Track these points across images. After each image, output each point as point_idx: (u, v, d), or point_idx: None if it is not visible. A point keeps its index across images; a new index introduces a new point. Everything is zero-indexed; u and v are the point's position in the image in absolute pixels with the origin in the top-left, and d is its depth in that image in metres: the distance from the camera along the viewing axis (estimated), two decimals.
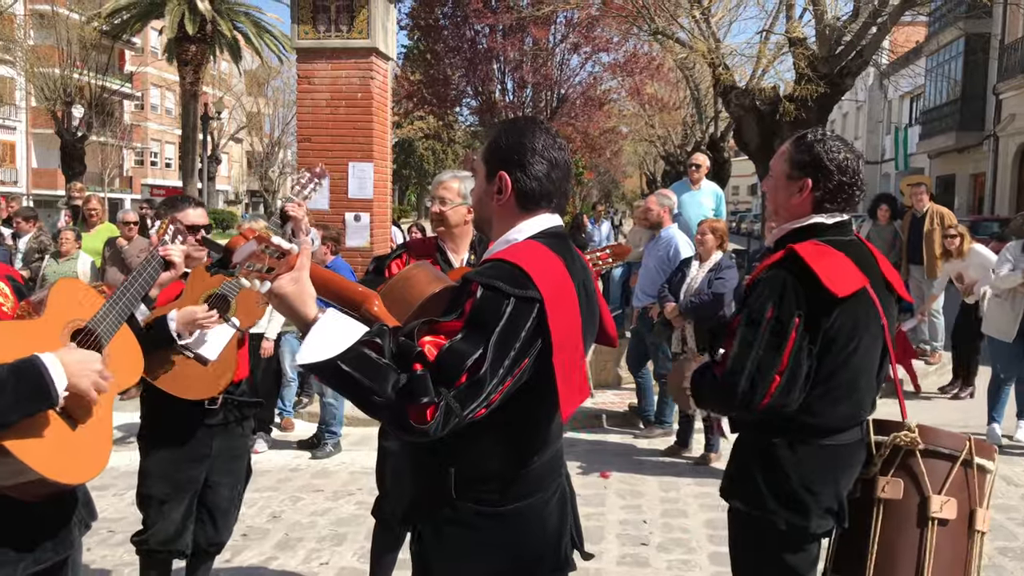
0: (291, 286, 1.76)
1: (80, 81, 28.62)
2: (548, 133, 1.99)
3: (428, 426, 1.64)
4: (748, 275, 5.89)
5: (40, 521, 2.10)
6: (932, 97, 27.83)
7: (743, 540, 2.53)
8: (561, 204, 2.02)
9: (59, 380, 1.89)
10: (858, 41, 10.76)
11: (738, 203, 60.84)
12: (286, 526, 5.02)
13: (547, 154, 1.95)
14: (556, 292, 1.81)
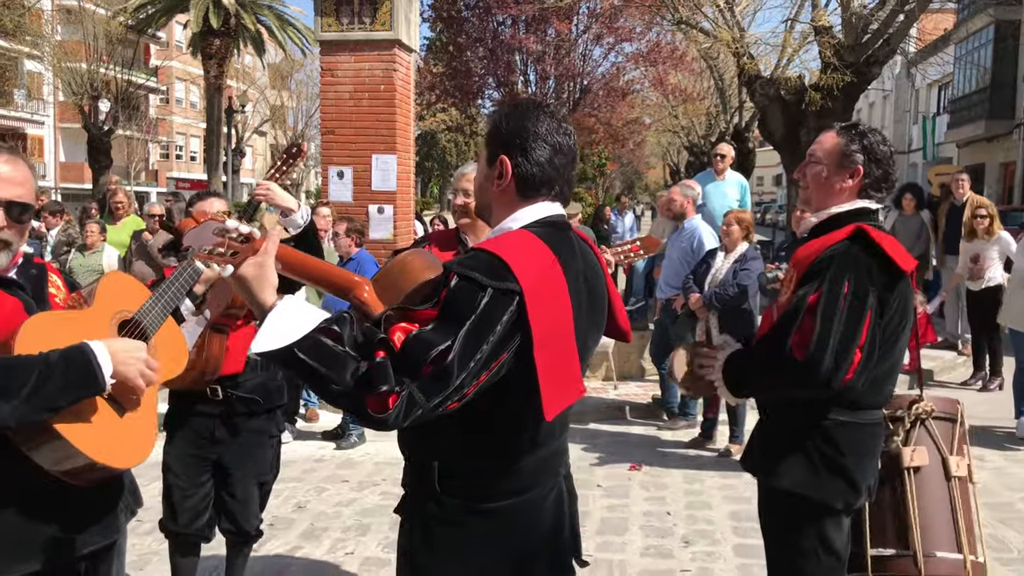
0: (253, 270, 1.73)
1: (106, 75, 28.89)
2: (552, 117, 1.91)
3: (387, 415, 1.59)
4: (772, 261, 5.88)
5: (87, 506, 2.15)
6: (961, 85, 27.41)
7: (787, 523, 2.49)
8: (564, 192, 1.93)
9: (106, 367, 1.95)
10: (885, 29, 10.63)
11: (763, 194, 60.39)
12: (311, 516, 5.06)
13: (550, 139, 1.87)
14: (540, 285, 1.72)
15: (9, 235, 2.05)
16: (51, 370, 1.88)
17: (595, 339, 2.02)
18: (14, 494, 2.03)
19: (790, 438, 2.47)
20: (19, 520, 2.03)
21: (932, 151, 29.48)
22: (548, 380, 1.74)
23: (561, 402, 1.78)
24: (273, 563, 4.40)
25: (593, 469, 5.91)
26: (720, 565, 4.34)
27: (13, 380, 1.84)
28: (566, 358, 1.80)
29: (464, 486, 1.85)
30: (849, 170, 2.47)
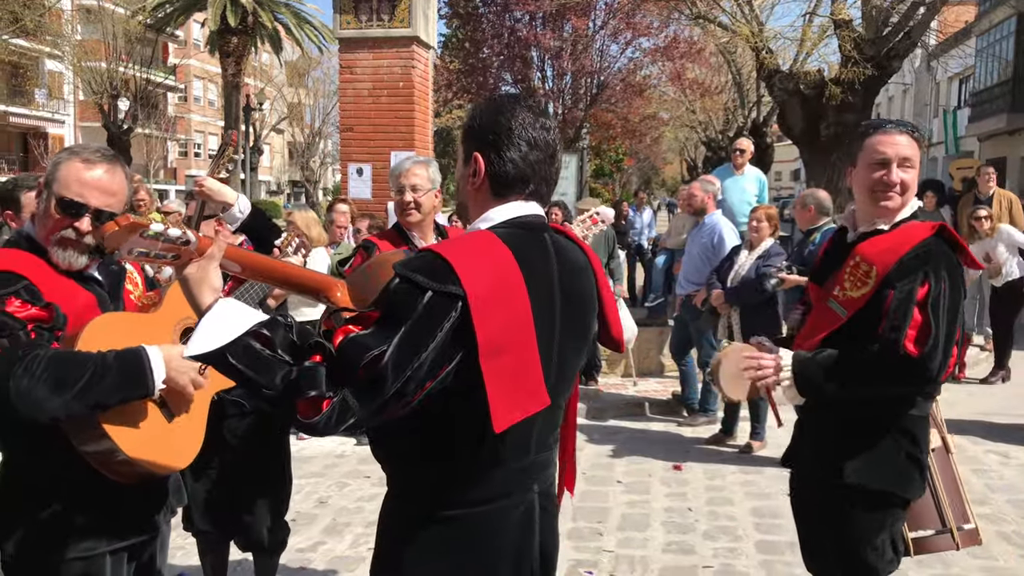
0: (194, 272, 1.74)
1: (126, 74, 29.13)
2: (530, 111, 1.81)
3: (316, 420, 1.53)
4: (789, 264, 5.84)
5: (130, 503, 2.20)
6: (982, 78, 27.11)
7: (864, 521, 2.46)
8: (540, 190, 1.84)
9: (158, 372, 2.03)
10: (906, 22, 10.54)
11: (781, 189, 60.02)
12: (333, 511, 5.09)
13: (525, 134, 1.78)
14: (491, 290, 1.62)
15: (92, 240, 2.12)
16: (105, 369, 1.95)
17: (577, 346, 1.89)
18: (61, 484, 2.10)
19: (870, 435, 2.43)
20: (61, 510, 2.10)
21: (953, 145, 29.19)
22: (497, 390, 1.64)
23: (513, 414, 1.67)
24: (295, 558, 4.43)
25: (613, 465, 5.91)
26: (742, 561, 4.33)
27: (68, 374, 1.91)
28: (522, 368, 1.68)
29: (423, 492, 1.79)
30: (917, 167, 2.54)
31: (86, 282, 2.16)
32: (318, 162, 48.53)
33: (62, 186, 2.09)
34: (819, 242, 5.69)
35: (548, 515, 1.93)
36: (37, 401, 1.88)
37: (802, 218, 5.90)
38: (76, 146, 2.20)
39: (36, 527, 2.09)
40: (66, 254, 2.10)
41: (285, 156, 56.11)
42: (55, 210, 2.08)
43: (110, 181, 2.13)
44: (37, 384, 1.87)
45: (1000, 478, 5.56)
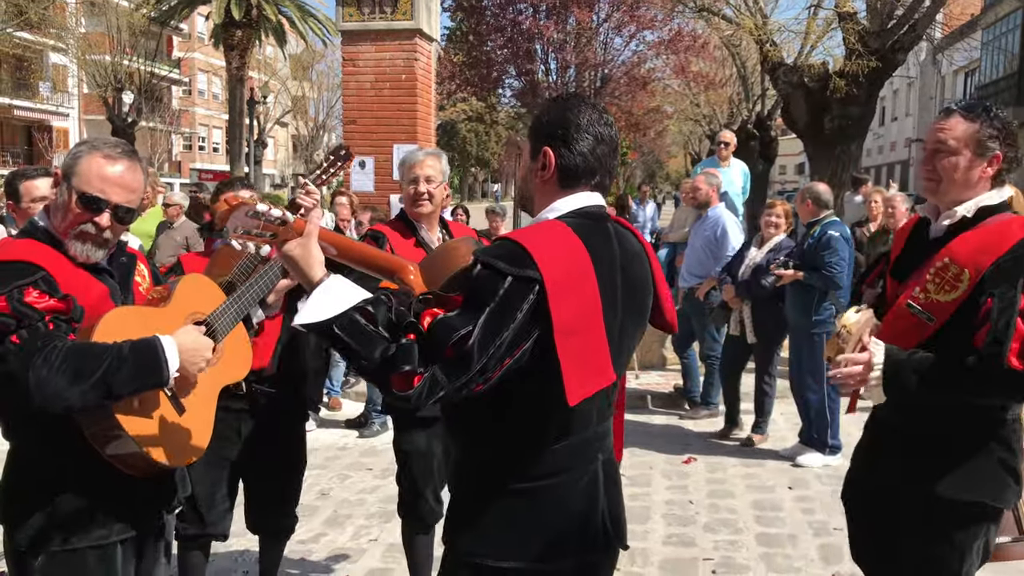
0: (299, 250, 1.84)
1: (130, 67, 29.12)
2: (595, 109, 1.96)
3: (410, 393, 1.68)
4: None
5: (141, 494, 2.22)
6: (988, 71, 27.02)
7: (956, 530, 2.31)
8: (604, 182, 1.98)
9: (172, 361, 2.06)
10: (911, 14, 10.49)
11: (785, 182, 59.90)
12: (335, 503, 5.10)
13: (592, 129, 1.92)
14: (565, 274, 1.77)
15: (110, 234, 2.15)
16: (121, 359, 1.98)
17: (635, 327, 2.02)
18: (72, 475, 2.11)
19: (963, 444, 2.30)
20: (73, 500, 2.12)
21: None
22: (571, 368, 1.78)
23: (585, 389, 1.81)
24: (297, 550, 4.44)
25: None
26: (743, 554, 4.33)
27: (86, 365, 1.94)
28: (592, 347, 1.83)
29: (495, 466, 1.91)
30: (987, 158, 2.31)
31: (99, 274, 2.18)
32: (322, 155, 48.52)
33: (83, 181, 2.10)
34: (817, 235, 5.67)
35: (611, 481, 2.04)
36: (55, 391, 1.90)
37: (803, 212, 5.90)
38: (95, 139, 2.20)
39: (48, 517, 2.10)
40: (84, 247, 2.12)
41: (289, 149, 56.12)
42: (76, 205, 2.09)
43: (132, 178, 2.15)
44: (56, 375, 1.89)
45: None
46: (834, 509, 4.91)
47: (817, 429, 5.76)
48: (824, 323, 5.71)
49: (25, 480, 2.14)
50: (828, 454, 5.73)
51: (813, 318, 5.70)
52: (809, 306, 5.70)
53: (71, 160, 2.13)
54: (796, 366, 5.91)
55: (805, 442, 5.87)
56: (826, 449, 5.74)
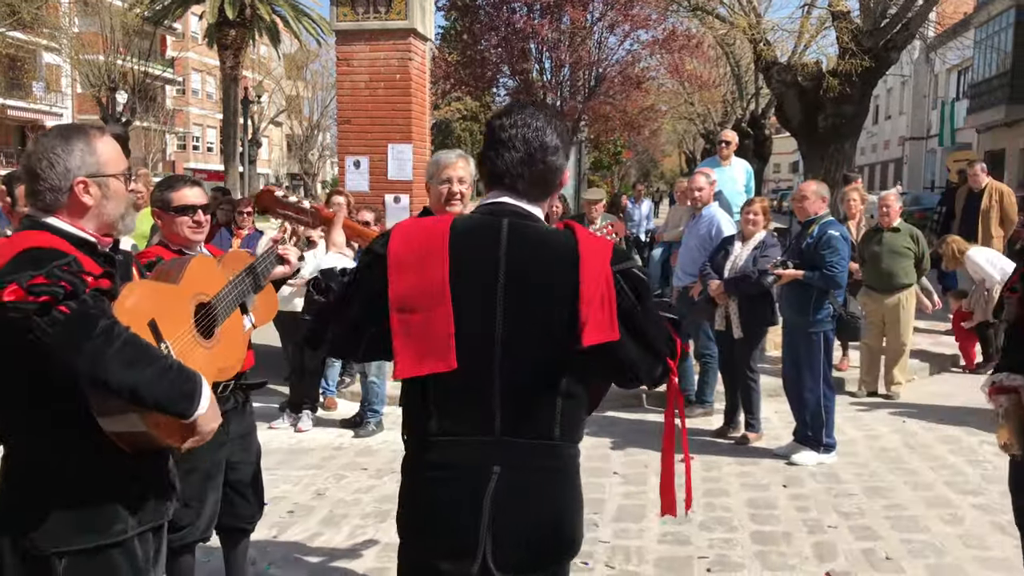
0: (325, 233, 2.57)
1: (123, 67, 29.09)
2: (521, 112, 2.05)
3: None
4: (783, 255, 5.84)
5: (151, 486, 2.25)
6: (981, 70, 27.11)
7: None
8: (517, 185, 2.02)
9: (202, 406, 2.10)
10: (904, 13, 10.52)
11: (779, 181, 59.98)
12: (331, 503, 5.11)
13: (503, 134, 2.01)
14: (409, 253, 1.94)
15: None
16: (168, 369, 2.03)
17: (532, 333, 1.95)
18: (96, 467, 2.12)
19: None
20: (95, 493, 2.12)
21: (951, 137, 29.18)
22: (403, 343, 1.94)
23: (417, 368, 1.93)
24: (293, 550, 4.45)
25: (610, 456, 5.93)
26: (737, 552, 4.35)
27: (140, 360, 1.97)
28: (433, 329, 1.92)
29: (408, 427, 2.11)
30: None
31: (109, 266, 2.18)
32: (316, 155, 48.52)
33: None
34: (816, 234, 5.70)
35: (509, 499, 1.97)
36: (109, 368, 1.90)
37: (800, 210, 5.92)
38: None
39: (67, 516, 2.08)
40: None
41: (283, 149, 56.06)
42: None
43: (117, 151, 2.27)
44: (114, 355, 1.90)
45: (995, 468, 5.57)
46: (828, 507, 4.94)
47: (813, 427, 5.77)
48: (822, 322, 5.72)
49: (34, 481, 2.10)
50: (823, 452, 5.75)
51: (812, 317, 5.71)
52: (807, 305, 5.71)
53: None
54: (791, 364, 5.92)
55: (799, 440, 5.89)
56: (821, 447, 5.76)
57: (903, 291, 7.38)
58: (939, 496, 5.08)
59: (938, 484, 5.29)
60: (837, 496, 5.12)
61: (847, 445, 6.07)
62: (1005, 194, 9.39)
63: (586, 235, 2.02)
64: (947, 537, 4.47)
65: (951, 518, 4.73)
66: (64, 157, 2.13)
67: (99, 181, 2.16)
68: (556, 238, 2.01)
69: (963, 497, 5.05)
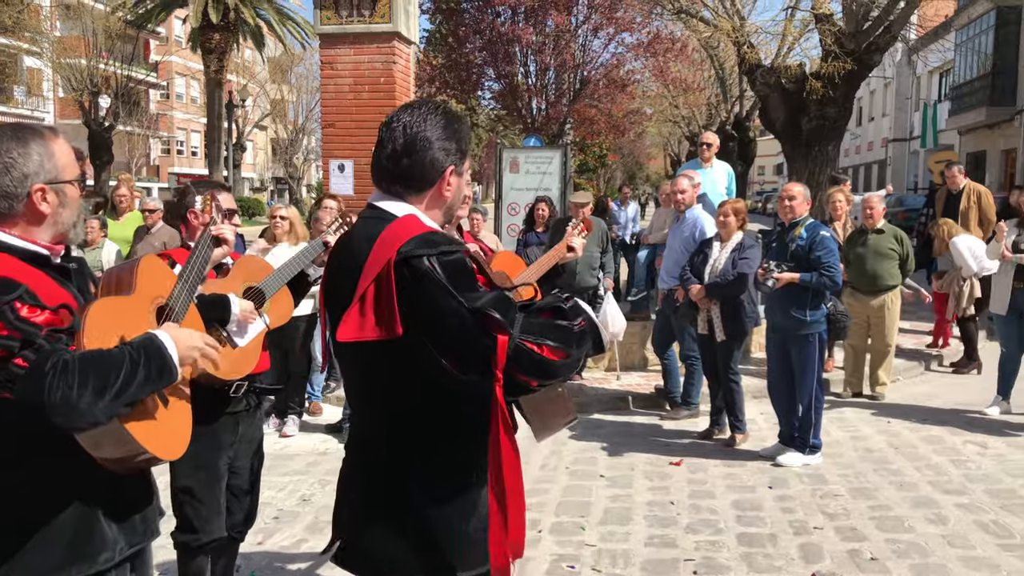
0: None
1: (106, 71, 28.91)
2: (402, 111, 2.05)
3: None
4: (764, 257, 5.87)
5: (132, 503, 2.13)
6: (962, 72, 27.32)
7: None
8: (381, 183, 2.06)
9: (175, 356, 1.99)
10: (886, 16, 10.59)
11: (764, 183, 60.26)
12: (316, 509, 5.08)
13: (380, 134, 2.05)
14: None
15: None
16: (135, 364, 1.90)
17: (333, 329, 2.01)
18: (74, 494, 1.99)
19: None
20: (77, 520, 1.99)
21: (933, 138, 29.39)
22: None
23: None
24: (278, 556, 4.42)
25: (596, 459, 5.93)
26: (724, 554, 4.35)
27: (106, 378, 1.83)
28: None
29: None
30: None
31: (65, 279, 2.07)
32: (301, 159, 48.33)
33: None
34: (808, 236, 5.69)
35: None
36: (83, 410, 1.78)
37: (787, 210, 5.93)
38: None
39: (49, 551, 1.95)
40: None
41: (268, 153, 55.84)
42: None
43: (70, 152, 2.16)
44: (80, 393, 1.77)
45: (978, 468, 5.61)
46: (814, 508, 4.95)
47: (801, 429, 5.78)
48: (817, 323, 5.71)
49: (17, 507, 1.95)
50: (808, 454, 5.76)
51: (807, 319, 5.70)
52: (803, 307, 5.70)
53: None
54: (780, 367, 5.92)
55: (785, 442, 5.90)
56: (807, 449, 5.77)
57: (888, 292, 7.42)
58: (923, 496, 5.10)
59: (922, 484, 5.32)
60: (823, 497, 5.13)
61: (832, 446, 6.09)
62: (983, 195, 9.49)
63: (398, 226, 1.94)
64: (931, 537, 4.48)
65: (935, 518, 4.75)
66: (21, 162, 1.97)
67: (57, 188, 2.02)
68: (373, 231, 1.96)
69: (947, 497, 5.07)
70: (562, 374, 1.93)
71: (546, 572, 4.16)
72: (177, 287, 2.32)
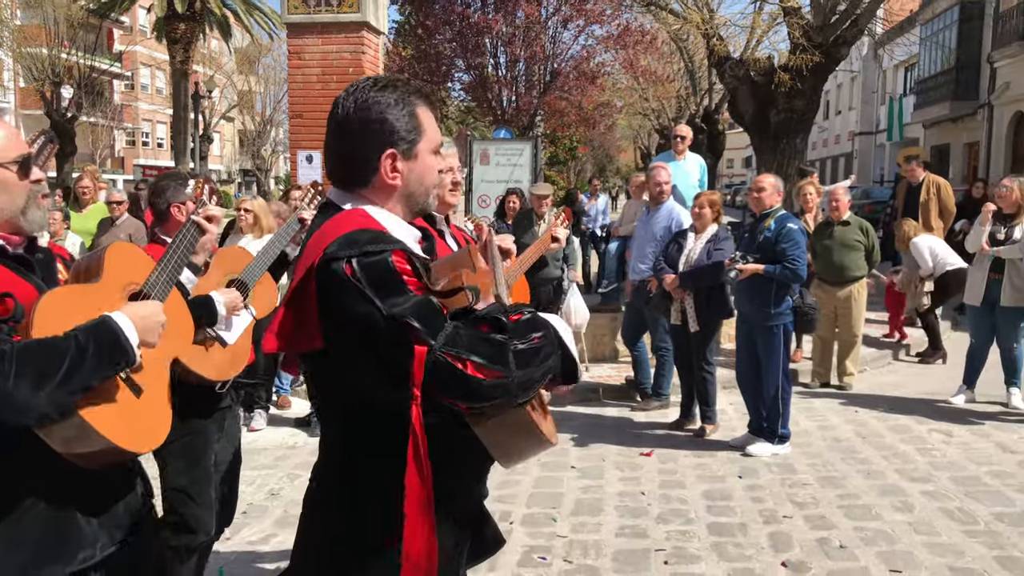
0: None
1: (68, 61, 28.39)
2: (346, 92, 1.89)
3: None
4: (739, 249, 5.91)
5: (111, 492, 2.03)
6: (927, 66, 27.65)
7: None
8: (328, 174, 1.94)
9: (132, 337, 1.89)
10: (853, 9, 10.69)
11: (732, 176, 60.68)
12: (284, 503, 5.03)
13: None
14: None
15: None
16: (82, 350, 1.79)
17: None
18: (41, 487, 1.89)
19: None
20: (48, 517, 1.89)
21: (900, 132, 29.74)
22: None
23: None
24: (247, 551, 4.37)
25: (567, 450, 5.93)
26: (695, 544, 4.37)
27: (48, 365, 1.74)
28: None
29: None
30: None
31: (25, 271, 1.98)
32: (269, 150, 47.89)
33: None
34: (775, 228, 5.73)
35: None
36: (22, 402, 1.69)
37: (756, 201, 5.96)
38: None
39: (18, 550, 1.84)
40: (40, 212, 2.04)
41: (236, 144, 55.24)
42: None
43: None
44: (17, 384, 1.68)
45: (943, 456, 5.69)
46: (783, 498, 4.99)
47: (769, 418, 5.83)
48: (782, 315, 5.76)
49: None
50: (777, 443, 5.81)
51: (772, 311, 5.74)
52: (768, 299, 5.74)
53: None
54: (748, 357, 5.96)
55: (754, 432, 5.94)
56: (776, 438, 5.81)
57: (854, 283, 7.50)
58: (890, 484, 5.16)
59: (889, 472, 5.38)
60: (792, 486, 5.17)
61: (801, 436, 6.15)
62: (942, 187, 9.65)
63: (334, 222, 1.80)
64: (898, 524, 4.54)
65: (902, 505, 4.81)
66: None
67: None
68: (317, 226, 1.85)
69: (913, 485, 5.13)
70: (495, 396, 1.64)
71: (518, 563, 4.15)
72: (155, 272, 2.25)
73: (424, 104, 1.89)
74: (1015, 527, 4.47)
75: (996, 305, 6.60)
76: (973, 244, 6.78)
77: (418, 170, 1.88)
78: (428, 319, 1.64)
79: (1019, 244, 6.41)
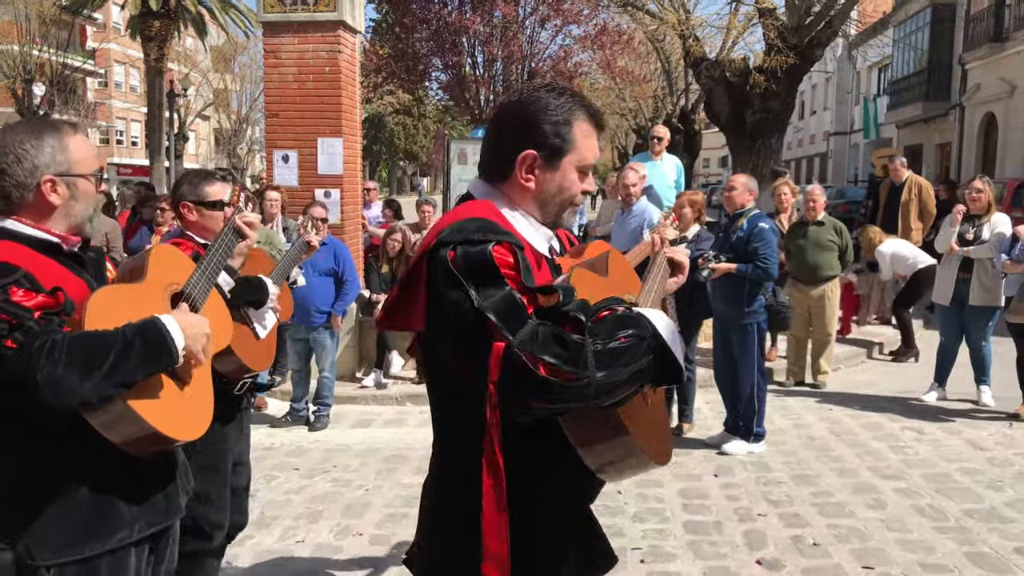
0: None
1: (40, 58, 28.07)
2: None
3: None
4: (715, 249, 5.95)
5: (153, 482, 2.18)
6: (900, 67, 27.97)
7: None
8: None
9: (178, 339, 2.02)
10: (827, 11, 10.80)
11: (709, 175, 61.03)
12: (261, 504, 5.00)
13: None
14: None
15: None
16: (128, 345, 1.92)
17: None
18: (87, 473, 2.04)
19: None
20: (91, 499, 2.04)
21: (875, 131, 30.06)
22: None
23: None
24: None
25: None
26: (671, 542, 4.40)
27: (95, 356, 1.87)
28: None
29: None
30: None
31: (80, 267, 2.13)
32: (245, 149, 47.56)
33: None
34: (747, 227, 5.78)
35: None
36: (69, 388, 1.82)
37: (727, 200, 6.01)
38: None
39: (65, 523, 2.01)
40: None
41: (211, 143, 54.79)
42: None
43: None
44: (65, 372, 1.81)
45: (915, 453, 5.76)
46: (758, 496, 5.03)
47: (745, 417, 5.87)
48: (755, 313, 5.81)
49: (29, 486, 2.01)
50: (753, 442, 5.86)
51: (745, 309, 5.80)
52: (741, 297, 5.79)
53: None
54: (724, 356, 6.01)
55: (730, 430, 5.99)
56: (751, 437, 5.86)
57: (828, 283, 7.58)
58: (863, 482, 5.22)
59: (862, 470, 5.44)
60: (766, 485, 5.22)
61: (776, 434, 6.20)
62: (924, 188, 9.73)
63: (459, 210, 1.84)
64: (871, 522, 4.59)
65: (875, 503, 4.87)
66: (33, 153, 2.05)
67: (68, 181, 2.09)
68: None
69: (886, 482, 5.20)
70: (570, 399, 1.60)
71: None
72: (195, 274, 2.35)
73: (586, 121, 1.85)
74: (984, 523, 4.54)
75: (965, 304, 6.70)
76: (942, 244, 6.88)
77: (557, 181, 1.84)
78: (508, 315, 1.63)
79: (988, 244, 6.51)
